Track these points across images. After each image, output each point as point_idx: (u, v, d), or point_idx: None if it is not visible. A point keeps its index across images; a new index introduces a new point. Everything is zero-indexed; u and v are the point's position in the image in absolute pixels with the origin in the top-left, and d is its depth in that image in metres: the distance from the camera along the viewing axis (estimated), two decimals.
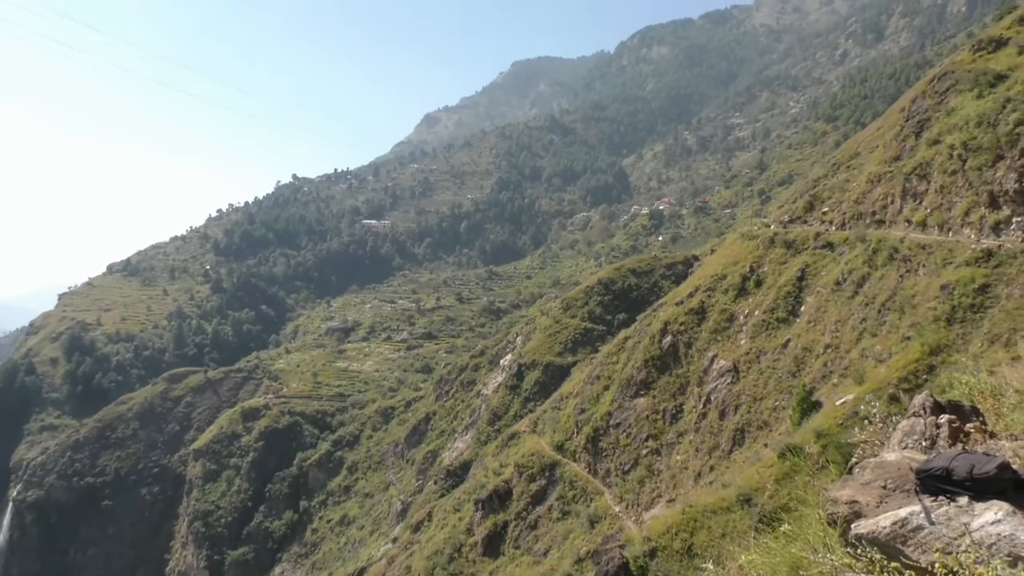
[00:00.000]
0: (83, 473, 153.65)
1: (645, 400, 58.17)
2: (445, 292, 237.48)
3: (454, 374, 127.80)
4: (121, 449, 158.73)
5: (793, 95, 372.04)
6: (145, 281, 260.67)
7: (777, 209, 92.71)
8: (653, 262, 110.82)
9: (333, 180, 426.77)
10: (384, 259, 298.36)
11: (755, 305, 51.88)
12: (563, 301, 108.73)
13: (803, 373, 40.78)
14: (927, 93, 47.55)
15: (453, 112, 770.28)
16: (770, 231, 60.41)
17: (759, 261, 56.11)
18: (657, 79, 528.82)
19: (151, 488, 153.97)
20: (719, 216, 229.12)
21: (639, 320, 74.57)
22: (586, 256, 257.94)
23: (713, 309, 56.75)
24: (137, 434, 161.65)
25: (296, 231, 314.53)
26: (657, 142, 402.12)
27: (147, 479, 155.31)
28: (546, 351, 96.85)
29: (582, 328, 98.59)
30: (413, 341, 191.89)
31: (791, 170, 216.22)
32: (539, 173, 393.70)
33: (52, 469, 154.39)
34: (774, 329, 47.62)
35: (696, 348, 55.87)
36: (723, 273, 59.47)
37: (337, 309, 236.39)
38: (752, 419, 43.77)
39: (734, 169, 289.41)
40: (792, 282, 49.06)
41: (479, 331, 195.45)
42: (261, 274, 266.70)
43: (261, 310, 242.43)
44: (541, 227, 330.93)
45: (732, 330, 52.93)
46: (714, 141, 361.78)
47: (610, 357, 70.46)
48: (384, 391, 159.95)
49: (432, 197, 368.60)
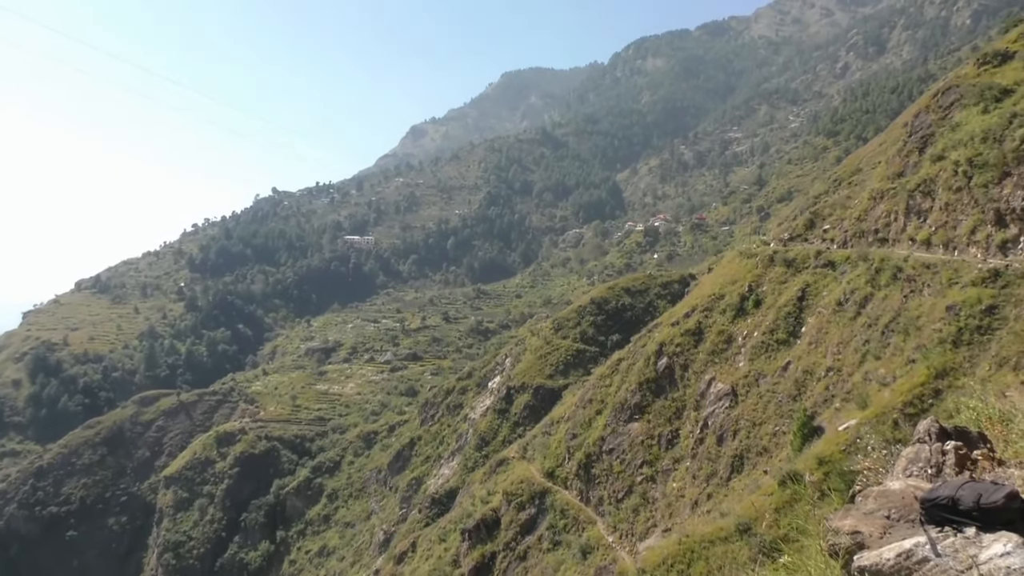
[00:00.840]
0: (46, 502, 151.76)
1: (640, 425, 58.08)
2: (431, 311, 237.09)
3: (440, 397, 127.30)
4: (87, 476, 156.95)
5: (793, 109, 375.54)
6: (115, 299, 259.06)
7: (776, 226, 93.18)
8: (648, 281, 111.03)
9: (315, 194, 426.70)
10: (367, 276, 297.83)
11: (754, 326, 52.00)
12: (554, 321, 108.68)
13: (804, 397, 40.83)
14: (931, 108, 48.09)
15: (440, 124, 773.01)
16: (769, 249, 60.67)
17: (758, 280, 56.32)
18: (652, 91, 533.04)
19: (119, 518, 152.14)
20: (716, 233, 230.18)
21: (633, 341, 74.60)
22: (578, 274, 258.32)
23: (710, 330, 56.85)
24: (105, 460, 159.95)
25: (275, 247, 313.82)
26: (652, 156, 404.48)
27: (115, 508, 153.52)
28: (536, 373, 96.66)
29: (574, 349, 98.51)
30: (397, 362, 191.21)
31: (791, 186, 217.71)
32: (530, 188, 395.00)
33: (13, 498, 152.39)
34: (774, 351, 47.72)
35: (693, 371, 55.89)
36: (721, 293, 59.63)
37: (318, 329, 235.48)
38: (751, 445, 43.74)
39: (732, 185, 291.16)
40: (792, 302, 49.24)
41: (466, 352, 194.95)
42: (238, 292, 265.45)
43: (238, 329, 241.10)
44: (531, 244, 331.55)
45: (730, 352, 53.00)
46: (711, 156, 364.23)
47: (603, 380, 70.38)
48: (366, 415, 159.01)
49: (418, 212, 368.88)
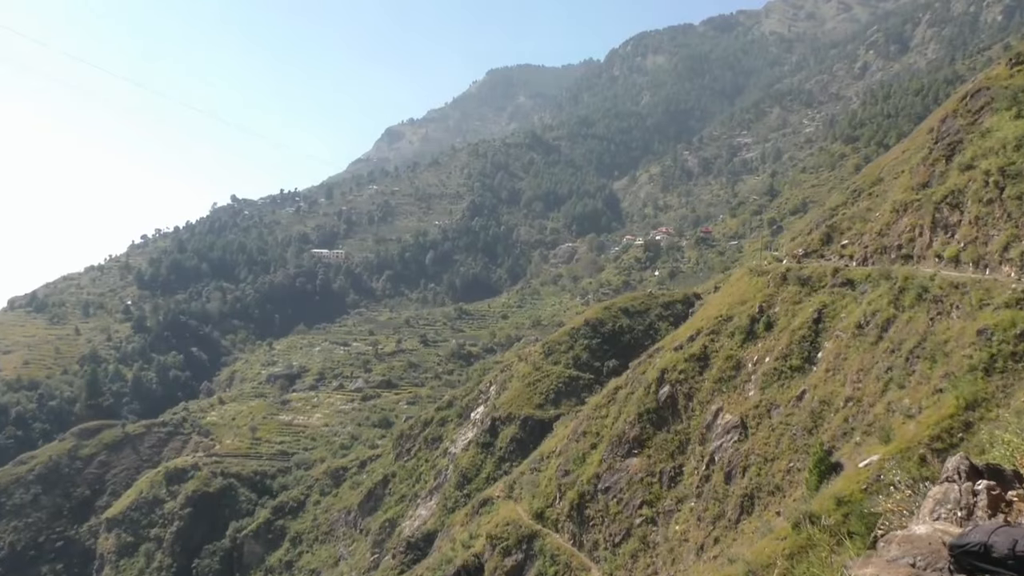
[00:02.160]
0: None
1: (639, 460, 58.01)
2: (407, 333, 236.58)
3: (417, 429, 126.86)
4: (18, 518, 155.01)
5: (807, 112, 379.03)
6: (54, 318, 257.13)
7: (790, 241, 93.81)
8: (648, 300, 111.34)
9: (278, 202, 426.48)
10: (337, 294, 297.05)
11: (765, 351, 52.14)
12: (544, 345, 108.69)
13: (821, 430, 40.91)
14: (959, 112, 48.64)
15: (419, 126, 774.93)
16: (782, 266, 60.99)
17: (770, 300, 56.54)
18: (653, 92, 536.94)
19: (54, 565, 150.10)
20: (724, 248, 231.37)
21: (632, 368, 74.68)
22: (571, 293, 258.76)
23: (717, 355, 56.96)
24: (38, 500, 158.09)
25: (234, 261, 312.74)
26: (653, 163, 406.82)
27: (49, 554, 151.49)
28: (524, 403, 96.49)
29: (566, 376, 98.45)
30: (369, 390, 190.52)
31: (805, 197, 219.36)
32: (517, 197, 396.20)
33: None
34: (787, 379, 47.84)
35: (698, 400, 55.94)
36: (729, 314, 59.81)
37: (281, 352, 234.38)
38: (762, 483, 43.75)
39: (741, 195, 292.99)
40: (807, 325, 49.43)
41: (446, 379, 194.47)
42: (192, 311, 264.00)
43: (191, 353, 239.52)
44: (519, 259, 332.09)
45: (739, 380, 53.10)
46: (718, 163, 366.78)
47: (598, 410, 70.35)
48: (335, 449, 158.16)
49: (393, 223, 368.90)
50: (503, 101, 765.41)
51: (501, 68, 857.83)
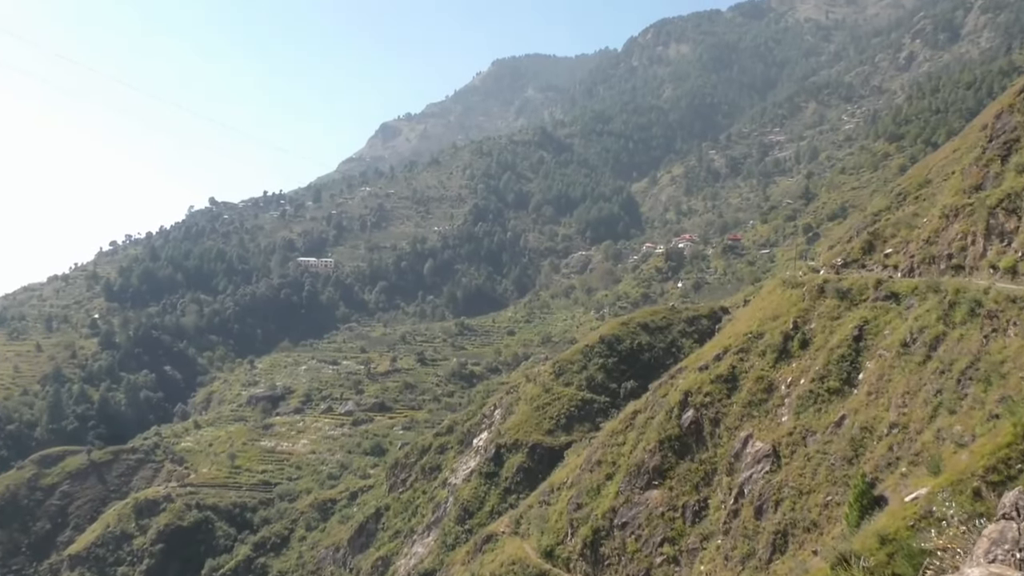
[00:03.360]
0: None
1: (660, 493, 57.84)
2: (403, 351, 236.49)
3: (413, 458, 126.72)
4: None
5: (847, 107, 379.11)
6: (13, 333, 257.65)
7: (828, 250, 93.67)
8: (670, 315, 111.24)
9: (261, 205, 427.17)
10: (325, 307, 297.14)
11: (800, 372, 52.03)
12: (555, 364, 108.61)
13: (862, 460, 40.75)
14: (1016, 107, 48.59)
15: (417, 121, 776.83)
16: (819, 277, 60.92)
17: (805, 316, 56.44)
18: (676, 84, 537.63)
19: None
20: (754, 257, 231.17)
21: (652, 390, 74.56)
22: (585, 307, 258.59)
23: (747, 376, 56.84)
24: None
25: (212, 270, 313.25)
26: (676, 163, 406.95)
27: None
28: (532, 428, 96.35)
29: (579, 399, 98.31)
30: (361, 414, 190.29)
31: (845, 201, 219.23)
32: (525, 200, 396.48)
33: None
34: (825, 402, 47.70)
35: (725, 426, 55.81)
36: (759, 330, 59.73)
37: (263, 371, 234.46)
38: (797, 518, 43.58)
39: (773, 198, 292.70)
40: (847, 343, 49.30)
41: (446, 402, 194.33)
42: (165, 325, 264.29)
43: (164, 372, 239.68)
44: (527, 269, 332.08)
45: (771, 403, 52.98)
46: (747, 163, 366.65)
47: (615, 437, 70.22)
48: (322, 479, 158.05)
49: (388, 229, 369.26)
50: (510, 94, 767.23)
51: (508, 58, 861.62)
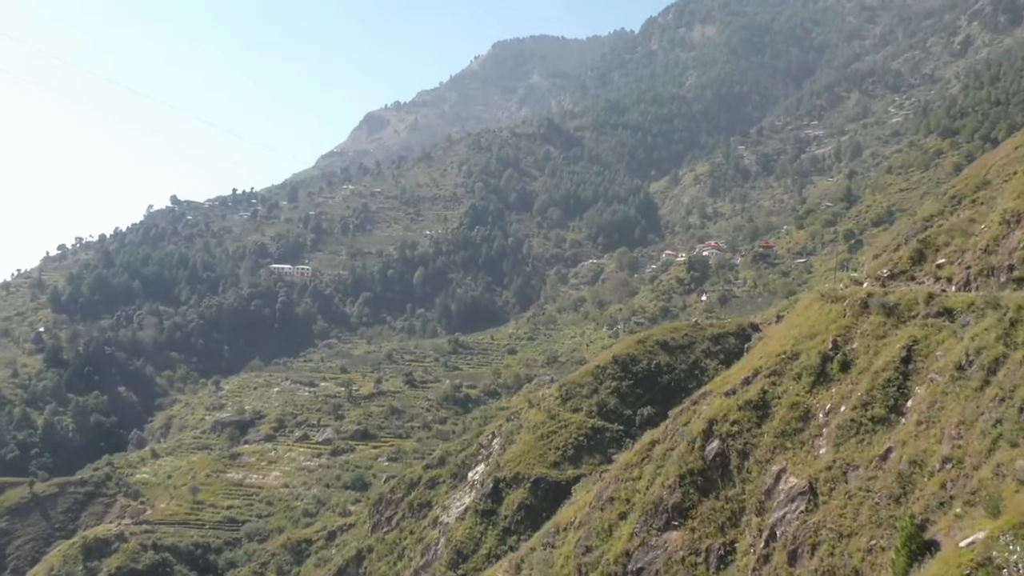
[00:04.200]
0: None
1: (680, 534, 57.69)
2: (389, 371, 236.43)
3: (400, 493, 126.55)
4: None
5: (894, 98, 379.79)
6: None
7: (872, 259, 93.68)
8: (693, 332, 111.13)
9: (230, 205, 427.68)
10: (301, 321, 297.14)
11: (840, 398, 51.92)
12: (561, 387, 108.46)
13: (911, 498, 40.64)
14: None
15: (406, 111, 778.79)
16: (862, 291, 60.85)
17: (846, 334, 56.35)
18: (700, 71, 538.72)
19: None
20: (788, 268, 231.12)
21: (672, 417, 74.43)
22: (596, 322, 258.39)
23: (780, 403, 56.73)
24: None
25: (173, 278, 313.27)
26: (700, 160, 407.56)
27: None
28: (536, 460, 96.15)
29: (589, 427, 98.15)
30: (341, 443, 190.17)
31: (891, 204, 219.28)
32: (529, 200, 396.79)
33: None
34: (868, 433, 47.58)
35: (755, 459, 55.67)
36: (794, 350, 59.63)
37: (230, 394, 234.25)
38: (836, 565, 43.44)
39: (810, 201, 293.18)
40: (894, 365, 49.21)
41: (438, 429, 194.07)
42: (120, 341, 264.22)
43: (118, 394, 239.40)
44: (531, 279, 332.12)
45: (807, 434, 52.85)
46: (781, 160, 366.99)
47: (629, 470, 70.08)
48: (296, 516, 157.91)
49: (373, 232, 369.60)
50: (512, 81, 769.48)
51: (511, 40, 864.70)
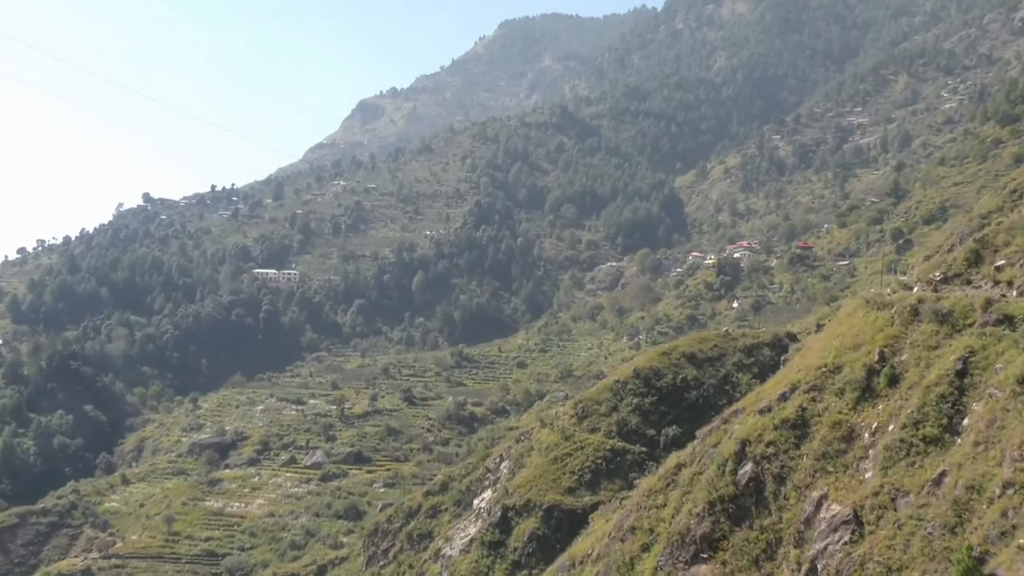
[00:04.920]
0: None
1: (710, 568, 57.61)
2: (386, 387, 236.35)
3: (398, 522, 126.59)
4: None
5: (947, 81, 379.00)
6: None
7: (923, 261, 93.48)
8: (724, 343, 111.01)
9: (208, 203, 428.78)
10: (288, 332, 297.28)
11: (888, 415, 51.82)
12: (577, 405, 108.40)
13: (968, 528, 40.52)
14: None
15: (404, 98, 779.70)
16: (912, 296, 60.76)
17: (895, 344, 56.24)
18: (731, 53, 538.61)
19: None
20: (829, 270, 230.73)
21: (700, 437, 74.31)
22: (615, 332, 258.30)
23: (820, 421, 56.60)
24: None
25: (146, 285, 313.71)
26: (730, 151, 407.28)
27: None
28: (549, 486, 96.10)
29: (608, 449, 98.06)
30: (332, 467, 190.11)
31: (944, 199, 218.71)
32: (540, 197, 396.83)
33: None
34: (920, 455, 47.46)
35: (793, 484, 55.56)
36: (836, 363, 59.51)
37: (209, 413, 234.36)
38: None
39: (853, 196, 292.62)
40: (948, 379, 49.08)
41: (439, 452, 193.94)
42: (87, 354, 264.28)
43: (85, 413, 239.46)
44: (543, 284, 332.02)
45: (851, 456, 52.73)
46: (821, 152, 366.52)
47: (653, 497, 69.99)
48: (283, 549, 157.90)
49: (368, 233, 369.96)
50: (521, 64, 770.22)
51: (519, 19, 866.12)
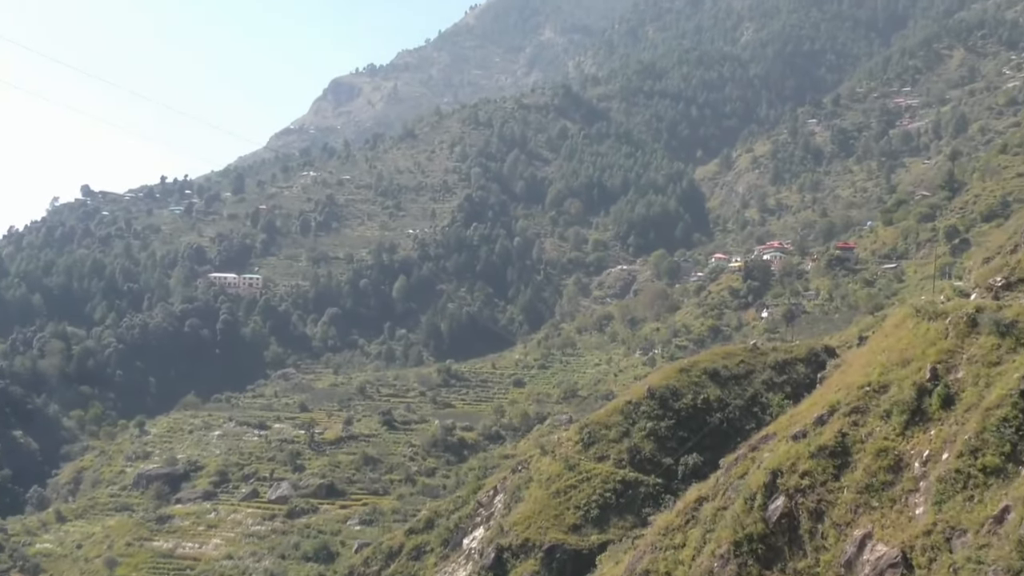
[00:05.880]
0: None
1: None
2: (362, 409, 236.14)
3: (376, 564, 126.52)
4: None
5: (1010, 56, 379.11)
6: None
7: (982, 264, 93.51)
8: (751, 359, 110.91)
9: (158, 197, 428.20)
10: (249, 345, 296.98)
11: (942, 442, 51.75)
12: (583, 430, 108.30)
13: None
14: None
15: (384, 76, 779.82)
16: (969, 305, 60.69)
17: (949, 360, 56.16)
18: (759, 24, 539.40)
19: None
20: (873, 275, 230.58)
21: (725, 467, 74.27)
22: (626, 345, 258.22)
23: (863, 449, 56.52)
24: None
25: (85, 291, 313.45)
26: (759, 137, 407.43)
27: None
28: (550, 523, 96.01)
29: (618, 480, 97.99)
30: (300, 501, 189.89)
31: (1006, 192, 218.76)
32: (540, 190, 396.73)
33: None
34: (979, 488, 47.37)
35: (832, 521, 55.47)
36: (882, 381, 59.43)
37: (158, 439, 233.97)
38: None
39: (901, 189, 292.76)
40: (1012, 400, 49.01)
41: (424, 483, 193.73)
42: (16, 372, 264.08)
43: (13, 439, 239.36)
44: (543, 290, 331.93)
45: (899, 488, 52.66)
46: (864, 138, 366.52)
47: (670, 536, 69.92)
48: None
49: (341, 232, 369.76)
50: (518, 38, 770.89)
51: None
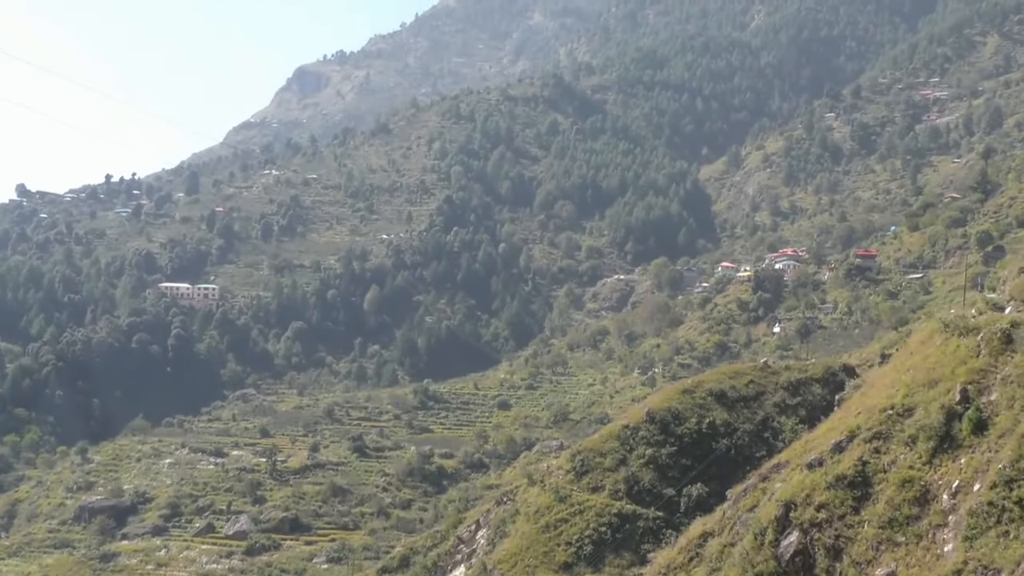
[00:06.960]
0: None
1: None
2: (330, 434, 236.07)
3: None
4: None
5: None
6: None
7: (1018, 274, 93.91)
8: (762, 379, 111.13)
9: (103, 198, 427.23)
10: (204, 363, 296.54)
11: (973, 471, 51.90)
12: (575, 457, 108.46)
13: None
14: None
15: (354, 65, 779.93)
16: (1004, 319, 60.90)
17: (982, 380, 56.32)
18: (771, 8, 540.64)
19: None
20: (897, 286, 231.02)
21: (732, 499, 74.47)
22: (624, 363, 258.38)
23: (886, 479, 56.66)
24: None
25: (20, 303, 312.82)
26: (771, 133, 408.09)
27: None
28: (539, 560, 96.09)
29: (614, 513, 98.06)
30: (261, 537, 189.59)
31: None
32: (528, 191, 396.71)
33: None
34: (1015, 522, 47.53)
35: (852, 559, 55.61)
36: (907, 404, 59.61)
37: (103, 467, 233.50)
38: None
39: (928, 191, 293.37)
40: None
41: (399, 517, 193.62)
42: None
43: None
44: (531, 302, 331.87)
45: (926, 523, 52.81)
46: (887, 134, 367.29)
47: (672, 575, 70.06)
48: None
49: (307, 237, 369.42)
50: (504, 22, 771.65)
51: None
